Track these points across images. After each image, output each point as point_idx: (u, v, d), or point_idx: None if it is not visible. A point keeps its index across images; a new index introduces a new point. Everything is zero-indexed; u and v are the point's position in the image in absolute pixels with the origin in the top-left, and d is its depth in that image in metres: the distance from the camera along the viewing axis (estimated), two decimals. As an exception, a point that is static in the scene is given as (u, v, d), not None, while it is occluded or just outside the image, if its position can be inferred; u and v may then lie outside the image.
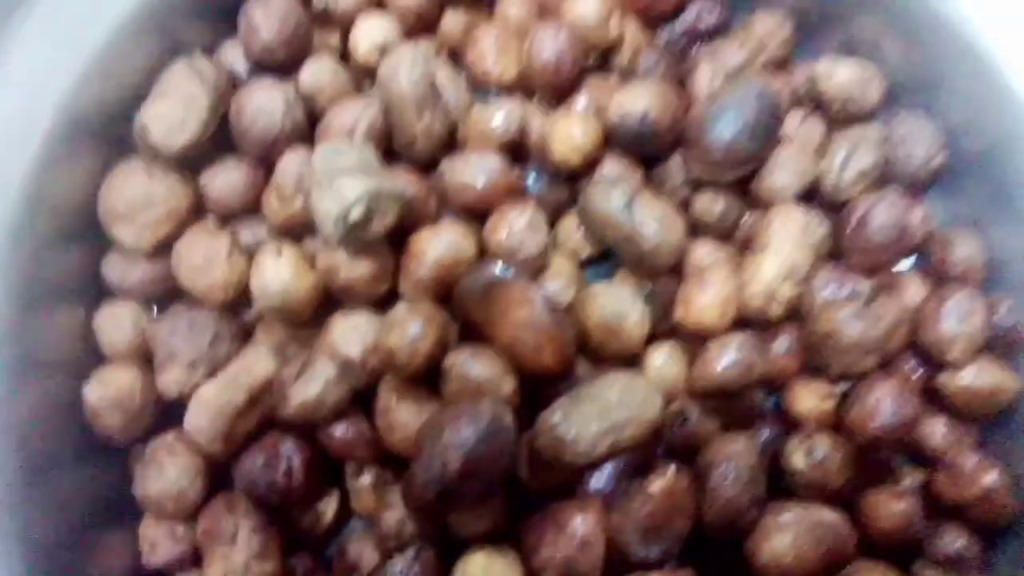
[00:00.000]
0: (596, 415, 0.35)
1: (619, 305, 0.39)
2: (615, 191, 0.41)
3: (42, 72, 0.37)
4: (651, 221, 0.40)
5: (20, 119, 0.37)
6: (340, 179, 0.36)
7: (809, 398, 0.42)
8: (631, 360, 0.41)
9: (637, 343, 0.40)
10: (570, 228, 0.44)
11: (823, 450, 0.39)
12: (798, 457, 0.40)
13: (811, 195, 0.45)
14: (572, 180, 0.45)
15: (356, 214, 0.35)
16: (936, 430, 0.42)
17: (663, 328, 0.42)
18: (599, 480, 0.41)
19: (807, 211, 0.43)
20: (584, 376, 0.40)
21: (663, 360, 0.41)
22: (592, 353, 0.41)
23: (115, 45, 0.39)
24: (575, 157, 0.42)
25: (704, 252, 0.44)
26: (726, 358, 0.40)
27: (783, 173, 0.43)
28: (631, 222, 0.40)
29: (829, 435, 0.40)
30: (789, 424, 0.43)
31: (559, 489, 0.38)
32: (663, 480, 0.36)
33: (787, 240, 0.41)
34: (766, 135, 0.42)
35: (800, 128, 0.46)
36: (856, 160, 0.44)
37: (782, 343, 0.43)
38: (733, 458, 0.38)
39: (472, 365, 0.36)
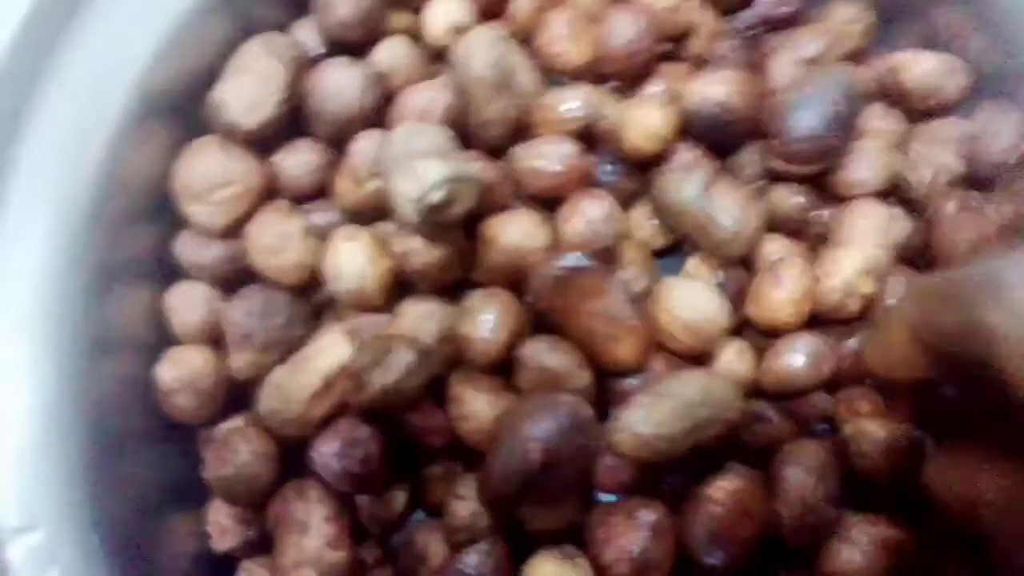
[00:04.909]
0: (679, 414, 0.34)
1: (698, 300, 0.38)
2: (690, 179, 0.40)
3: (116, 50, 0.37)
4: (728, 209, 0.39)
5: (95, 98, 0.36)
6: (419, 162, 0.35)
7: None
8: (699, 356, 0.40)
9: (716, 339, 0.39)
10: (640, 218, 0.43)
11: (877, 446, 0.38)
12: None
13: (888, 191, 0.44)
14: (642, 169, 0.44)
15: (436, 197, 0.34)
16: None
17: (731, 324, 0.41)
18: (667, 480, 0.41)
19: (888, 207, 0.42)
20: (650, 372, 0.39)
21: (733, 356, 0.40)
22: (661, 347, 0.40)
23: (188, 23, 0.39)
24: (652, 145, 0.41)
25: (776, 247, 0.43)
26: (798, 356, 0.39)
27: (863, 167, 0.42)
28: (707, 211, 0.39)
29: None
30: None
31: (628, 488, 0.37)
32: (729, 482, 0.35)
33: (868, 235, 0.40)
34: (847, 128, 0.41)
35: (879, 121, 0.45)
36: (936, 156, 0.43)
37: (854, 342, 0.41)
38: (805, 458, 0.37)
39: (549, 356, 0.36)
